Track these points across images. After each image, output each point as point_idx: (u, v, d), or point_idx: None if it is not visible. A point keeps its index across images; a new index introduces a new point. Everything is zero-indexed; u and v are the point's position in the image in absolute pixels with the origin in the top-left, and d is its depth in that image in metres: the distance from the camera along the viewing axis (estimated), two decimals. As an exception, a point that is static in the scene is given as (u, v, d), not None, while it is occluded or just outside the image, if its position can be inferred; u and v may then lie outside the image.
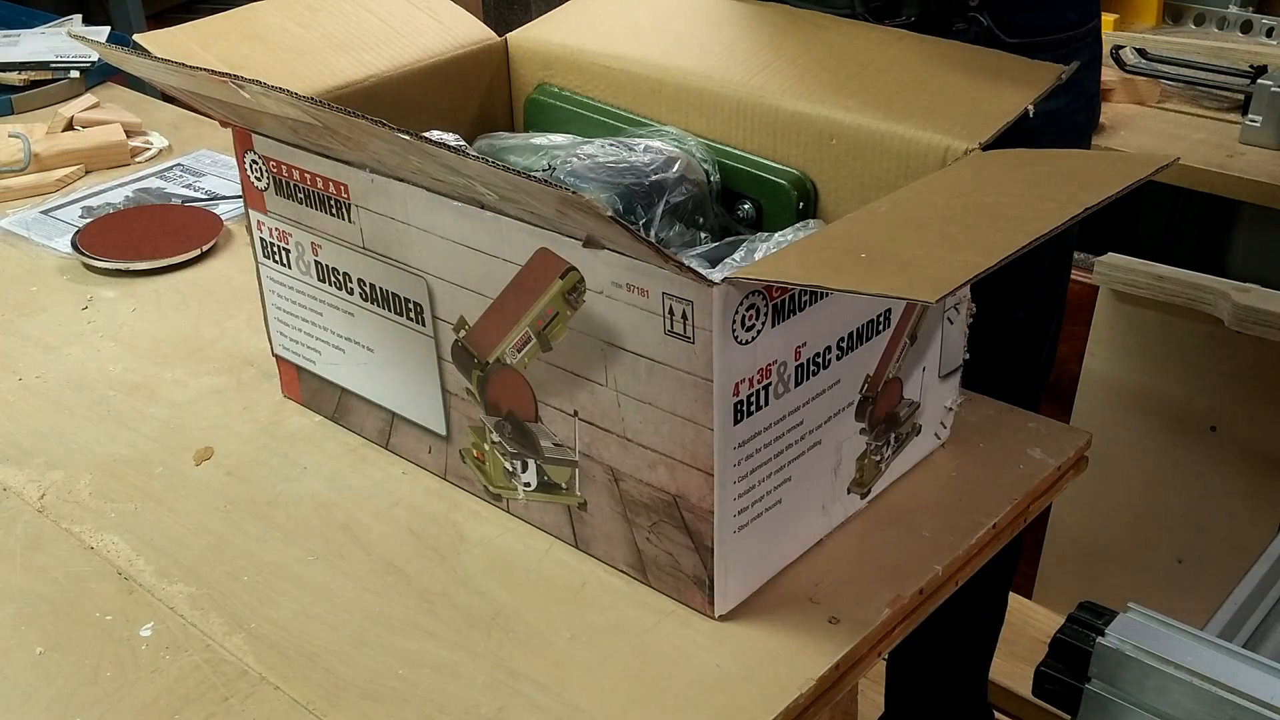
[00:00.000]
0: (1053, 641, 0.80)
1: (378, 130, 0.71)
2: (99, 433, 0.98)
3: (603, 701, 0.72)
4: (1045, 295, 1.23)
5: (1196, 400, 1.73)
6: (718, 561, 0.75)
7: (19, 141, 1.44)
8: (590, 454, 0.79)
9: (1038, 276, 1.20)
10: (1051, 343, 1.27)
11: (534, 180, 0.66)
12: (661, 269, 0.69)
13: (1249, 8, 1.89)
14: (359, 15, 1.08)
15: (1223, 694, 0.73)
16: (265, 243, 0.96)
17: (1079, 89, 1.12)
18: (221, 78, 0.78)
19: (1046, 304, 1.23)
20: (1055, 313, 1.26)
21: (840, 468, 0.82)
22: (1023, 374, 1.23)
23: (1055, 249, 1.19)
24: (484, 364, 0.83)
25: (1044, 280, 1.21)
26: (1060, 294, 1.26)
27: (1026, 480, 0.88)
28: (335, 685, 0.74)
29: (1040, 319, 1.23)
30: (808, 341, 0.75)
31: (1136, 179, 0.74)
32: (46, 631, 0.78)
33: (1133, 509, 1.82)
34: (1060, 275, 1.25)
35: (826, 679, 0.73)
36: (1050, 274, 1.22)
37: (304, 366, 0.98)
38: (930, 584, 0.80)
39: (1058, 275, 1.24)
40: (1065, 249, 1.23)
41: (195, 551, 0.85)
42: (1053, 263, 1.21)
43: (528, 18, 1.14)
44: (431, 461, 0.91)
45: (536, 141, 1.03)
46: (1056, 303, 1.25)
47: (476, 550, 0.84)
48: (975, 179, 0.80)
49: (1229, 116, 1.71)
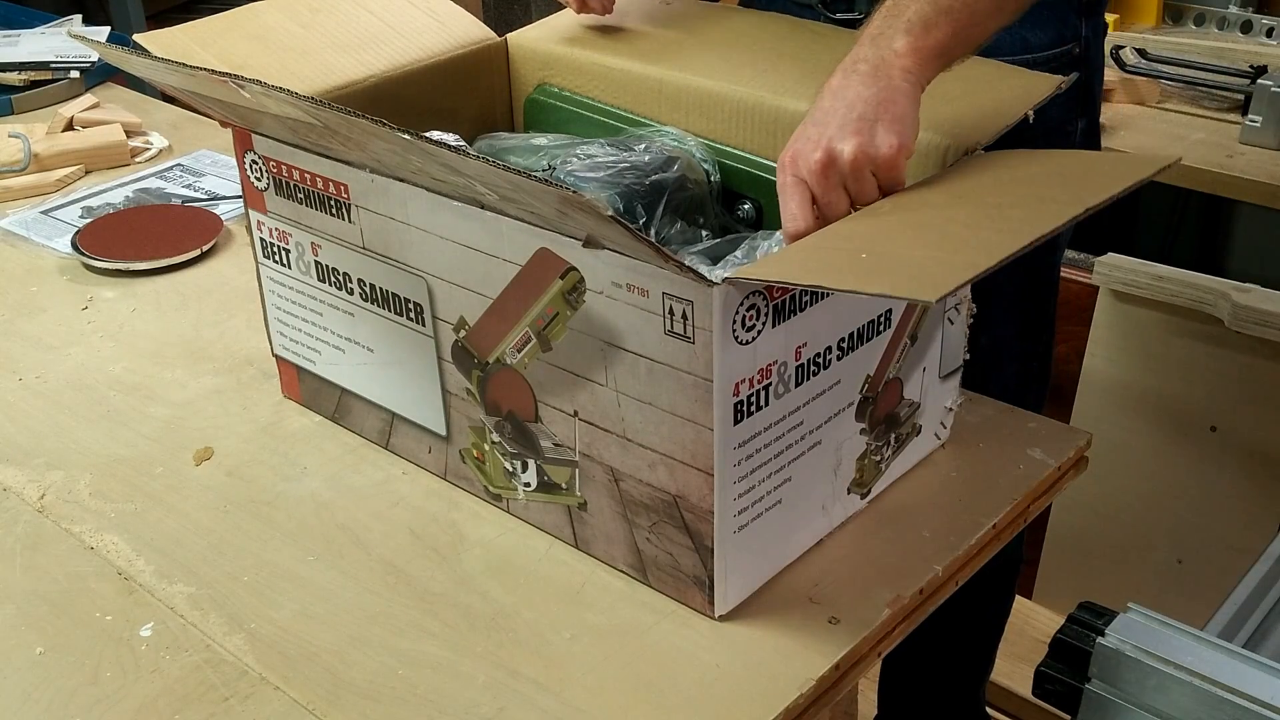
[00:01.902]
0: (1053, 641, 0.80)
1: (378, 130, 0.71)
2: (99, 433, 0.98)
3: (603, 701, 0.72)
4: (1010, 321, 1.17)
5: (1196, 400, 1.73)
6: (718, 561, 0.75)
7: (19, 141, 1.44)
8: (590, 454, 0.79)
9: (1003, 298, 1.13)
10: (1020, 364, 1.21)
11: (534, 180, 0.66)
12: (662, 269, 0.69)
13: (1249, 8, 1.89)
14: (359, 15, 1.08)
15: (1223, 694, 0.73)
16: (265, 243, 0.96)
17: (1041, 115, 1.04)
18: (221, 78, 0.78)
19: (1014, 330, 1.18)
20: (1026, 337, 1.20)
21: (840, 468, 0.82)
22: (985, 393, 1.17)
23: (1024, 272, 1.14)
24: (484, 364, 0.83)
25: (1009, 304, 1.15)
26: (1040, 319, 1.21)
27: (1026, 480, 0.88)
28: (335, 685, 0.74)
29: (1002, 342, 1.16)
30: (808, 342, 0.75)
31: (1138, 179, 0.74)
32: (46, 631, 0.78)
33: (1133, 509, 1.82)
34: (1035, 299, 1.19)
35: (826, 679, 0.73)
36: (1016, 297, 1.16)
37: (304, 367, 0.98)
38: (930, 584, 0.80)
39: (1030, 299, 1.19)
40: (1036, 269, 1.17)
41: (195, 551, 0.85)
42: (1022, 285, 1.16)
43: (528, 18, 1.14)
44: (431, 461, 0.91)
45: (536, 141, 1.03)
46: (1031, 329, 1.20)
47: (476, 550, 0.84)
48: (975, 179, 0.80)
49: (1229, 116, 1.71)
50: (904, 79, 0.79)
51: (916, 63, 0.80)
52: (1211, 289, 1.65)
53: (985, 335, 1.07)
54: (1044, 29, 1.07)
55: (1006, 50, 1.01)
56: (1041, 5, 1.02)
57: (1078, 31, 1.09)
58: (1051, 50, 1.07)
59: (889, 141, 0.77)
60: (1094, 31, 1.11)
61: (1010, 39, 1.04)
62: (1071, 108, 1.11)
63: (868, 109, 0.78)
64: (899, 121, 0.78)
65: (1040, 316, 1.22)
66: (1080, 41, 1.09)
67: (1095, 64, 1.13)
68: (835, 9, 1.08)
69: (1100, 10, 1.12)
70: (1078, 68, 1.08)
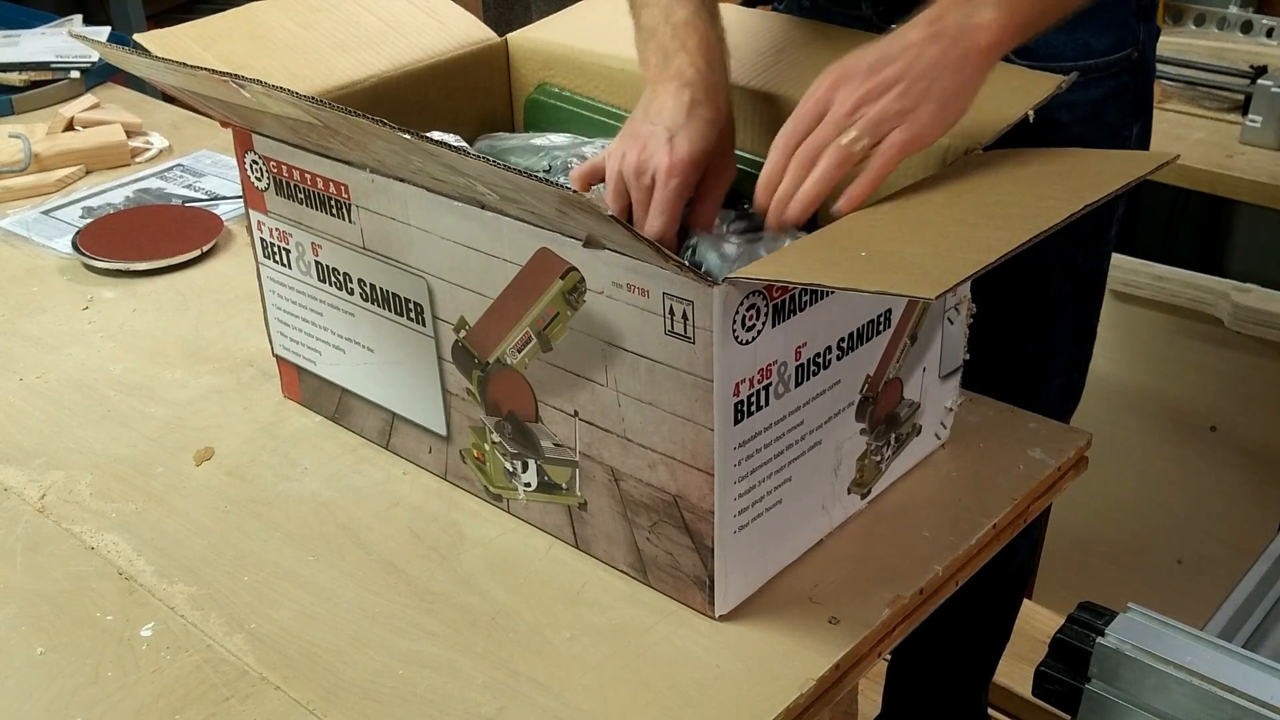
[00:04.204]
0: (1053, 641, 0.80)
1: (378, 130, 0.71)
2: (99, 433, 0.98)
3: (603, 701, 0.72)
4: (1060, 330, 1.16)
5: (1196, 400, 1.73)
6: (718, 561, 0.75)
7: (19, 141, 1.44)
8: (590, 454, 0.79)
9: (1052, 308, 1.14)
10: (1064, 376, 1.20)
11: (534, 180, 0.66)
12: (662, 269, 0.69)
13: (1249, 8, 1.89)
14: (359, 15, 1.08)
15: (1223, 694, 0.73)
16: (265, 243, 0.96)
17: (1100, 121, 1.05)
18: (222, 78, 0.78)
19: (1062, 339, 1.17)
20: (1071, 348, 1.19)
21: (840, 468, 0.82)
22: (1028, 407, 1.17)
23: (1073, 282, 1.14)
24: (484, 364, 0.83)
25: (1059, 313, 1.15)
26: (1084, 329, 1.19)
27: (1026, 480, 0.88)
28: (335, 685, 0.74)
29: (1051, 352, 1.17)
30: (808, 341, 0.75)
31: (1136, 176, 0.74)
32: (47, 631, 0.78)
33: (1133, 509, 1.82)
34: (1083, 309, 1.18)
35: (826, 679, 0.73)
36: (1066, 306, 1.16)
37: (304, 367, 0.98)
38: (930, 584, 0.80)
39: (1079, 309, 1.17)
40: (1085, 279, 1.16)
41: (195, 551, 0.85)
42: (1070, 294, 1.15)
43: (528, 18, 1.14)
44: (432, 462, 0.91)
45: (536, 142, 1.03)
46: (1075, 338, 1.19)
47: (476, 550, 0.84)
48: (975, 179, 0.80)
49: (1229, 116, 1.71)
50: (980, 57, 0.78)
51: (999, 38, 0.78)
52: (1211, 289, 1.65)
53: (1032, 343, 1.06)
54: (1105, 34, 1.06)
55: (1070, 55, 1.01)
56: (1103, 9, 1.02)
57: (1136, 36, 1.08)
58: (1113, 55, 1.06)
59: (924, 122, 0.77)
60: (1149, 36, 1.10)
61: (1073, 44, 1.04)
62: (1128, 112, 1.10)
63: (927, 78, 0.77)
64: (945, 106, 0.77)
65: (1086, 327, 1.21)
66: (1138, 46, 1.08)
67: (1150, 68, 1.12)
68: (891, 19, 1.06)
69: (1154, 14, 1.11)
70: (1136, 73, 1.08)
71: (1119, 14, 1.07)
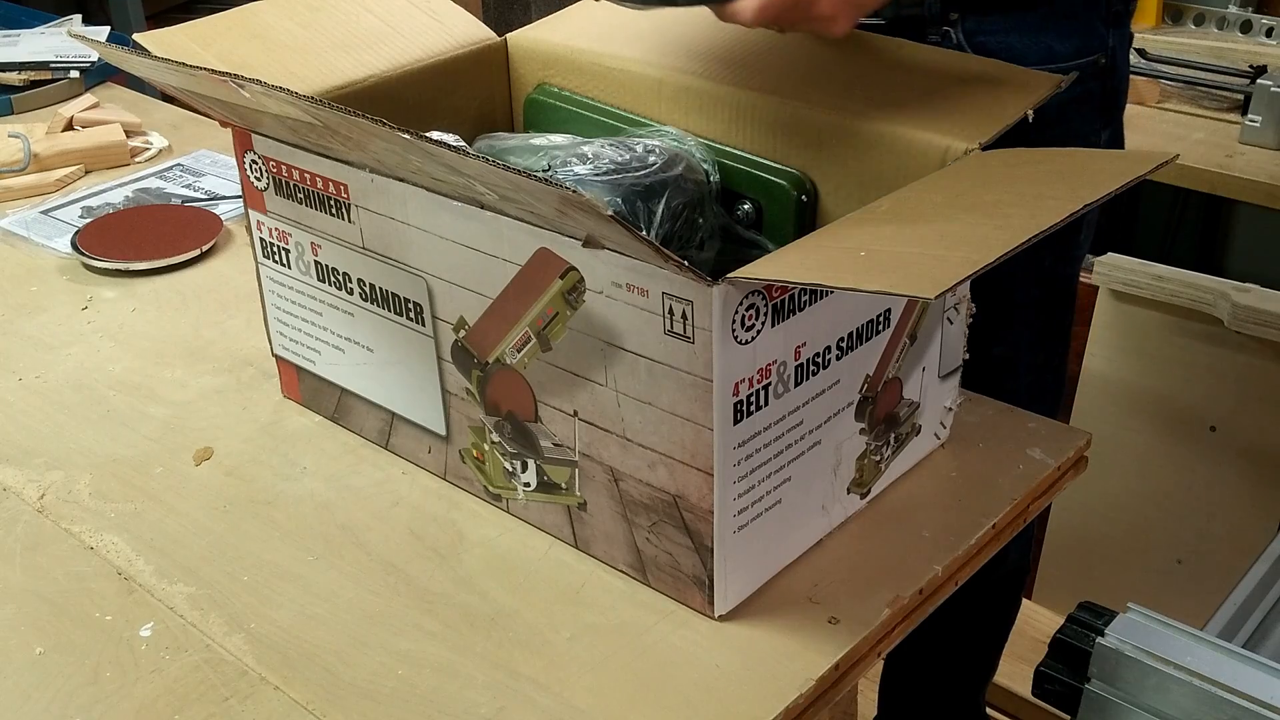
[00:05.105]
0: (1052, 641, 0.80)
1: (378, 130, 0.71)
2: (99, 433, 0.98)
3: (603, 701, 0.72)
4: (1027, 333, 1.16)
5: (1196, 400, 1.73)
6: (718, 561, 0.75)
7: (19, 141, 1.44)
8: (590, 454, 0.79)
9: (1017, 312, 1.13)
10: (1034, 376, 1.19)
11: (534, 180, 0.66)
12: (661, 269, 0.69)
13: (1249, 8, 1.90)
14: (359, 15, 1.08)
15: (1222, 694, 0.73)
16: (265, 243, 0.96)
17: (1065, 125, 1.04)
18: (221, 78, 0.78)
19: (1029, 341, 1.17)
20: (1040, 350, 1.18)
21: (840, 468, 0.82)
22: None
23: (1040, 285, 1.13)
24: (484, 364, 0.83)
25: (1024, 316, 1.14)
26: (1052, 332, 1.19)
27: (1026, 480, 0.88)
28: (335, 685, 0.74)
29: (1017, 354, 1.16)
30: (808, 341, 0.75)
31: (1135, 176, 0.74)
32: (46, 631, 0.78)
33: (1132, 509, 1.82)
34: (1051, 312, 1.17)
35: (826, 679, 0.73)
36: (1031, 310, 1.15)
37: (304, 366, 0.98)
38: (930, 584, 0.80)
39: (1045, 312, 1.17)
40: (1053, 283, 1.15)
41: (195, 551, 0.85)
42: (1036, 298, 1.14)
43: (528, 18, 1.14)
44: (431, 461, 0.91)
45: (536, 142, 1.03)
46: (1043, 341, 1.18)
47: (476, 550, 0.84)
48: (975, 179, 0.80)
49: (1229, 116, 1.72)
50: None
51: None
52: (1211, 289, 1.65)
53: (999, 346, 1.06)
54: (1070, 39, 1.05)
55: (1032, 59, 0.99)
56: (1068, 15, 1.01)
57: (1104, 42, 1.07)
58: (1077, 60, 1.06)
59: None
60: (1120, 42, 1.10)
61: (1036, 48, 1.03)
62: (1094, 117, 1.10)
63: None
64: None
65: (1056, 329, 1.20)
66: (1107, 52, 1.08)
67: (1122, 74, 1.11)
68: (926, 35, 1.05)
69: (1127, 20, 1.11)
70: (1104, 78, 1.07)
71: (1086, 20, 1.06)
